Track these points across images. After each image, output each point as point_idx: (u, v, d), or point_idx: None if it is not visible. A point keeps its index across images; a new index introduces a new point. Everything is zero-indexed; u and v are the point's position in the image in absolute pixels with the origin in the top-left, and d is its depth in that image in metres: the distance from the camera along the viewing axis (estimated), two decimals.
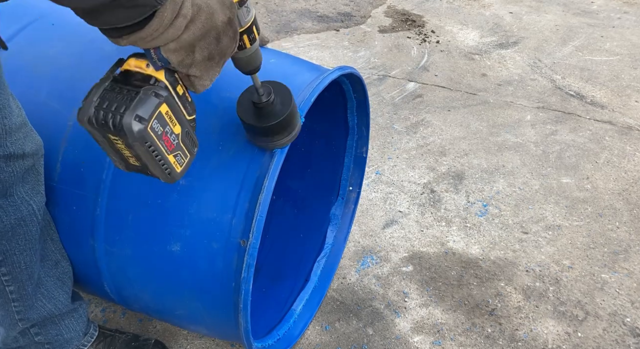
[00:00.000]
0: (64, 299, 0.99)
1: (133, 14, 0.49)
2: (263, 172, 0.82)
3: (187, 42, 0.56)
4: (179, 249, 0.86)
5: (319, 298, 1.32)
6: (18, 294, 0.91)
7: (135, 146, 0.55)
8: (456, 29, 2.81)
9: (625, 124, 2.05)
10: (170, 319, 1.03)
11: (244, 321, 0.86)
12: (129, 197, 0.88)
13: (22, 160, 0.82)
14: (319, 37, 2.70)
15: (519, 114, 2.11)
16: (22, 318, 0.94)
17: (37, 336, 0.98)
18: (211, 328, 0.99)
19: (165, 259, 0.88)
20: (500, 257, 1.48)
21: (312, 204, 1.47)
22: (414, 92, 2.25)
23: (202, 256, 0.85)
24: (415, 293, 1.38)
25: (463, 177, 1.77)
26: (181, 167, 0.63)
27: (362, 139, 1.42)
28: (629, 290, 1.39)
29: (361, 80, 1.18)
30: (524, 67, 2.45)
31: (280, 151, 0.83)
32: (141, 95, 0.54)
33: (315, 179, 1.47)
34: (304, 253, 1.40)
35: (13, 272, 0.89)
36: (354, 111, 1.35)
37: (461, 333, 1.28)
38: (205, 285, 0.88)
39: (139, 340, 1.13)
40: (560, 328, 1.29)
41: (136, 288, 0.95)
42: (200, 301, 0.90)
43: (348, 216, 1.46)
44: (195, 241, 0.85)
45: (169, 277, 0.89)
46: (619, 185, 1.75)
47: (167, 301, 0.95)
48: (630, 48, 2.62)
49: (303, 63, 1.06)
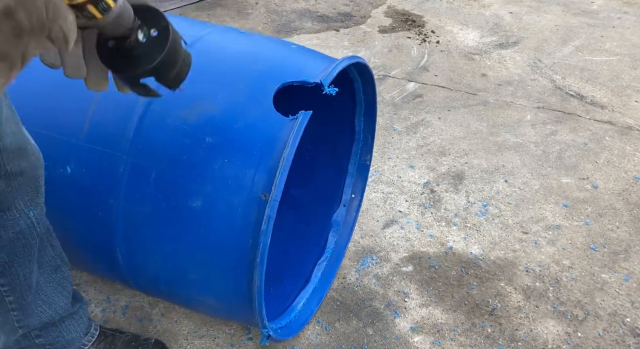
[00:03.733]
0: (63, 304, 0.99)
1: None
2: (287, 132, 0.86)
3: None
4: (200, 204, 0.88)
5: (319, 298, 1.32)
6: (17, 304, 0.91)
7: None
8: (456, 29, 2.81)
9: (625, 124, 2.05)
10: (177, 289, 1.01)
11: (258, 278, 0.87)
12: (153, 153, 0.90)
13: (20, 177, 0.81)
14: (319, 37, 2.70)
15: (519, 114, 2.11)
16: (21, 325, 0.94)
17: (38, 339, 0.98)
18: (221, 298, 0.98)
19: (185, 215, 0.89)
20: (500, 257, 1.48)
21: (314, 211, 1.48)
22: (414, 92, 2.25)
23: (221, 211, 0.87)
24: (415, 293, 1.38)
25: (463, 177, 1.77)
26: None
27: (367, 147, 1.44)
28: (629, 290, 1.39)
29: (371, 76, 1.22)
30: (524, 67, 2.45)
31: (305, 113, 0.87)
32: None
33: (318, 186, 1.49)
34: (305, 257, 1.40)
35: (12, 283, 0.88)
36: (362, 115, 1.38)
37: (461, 333, 1.28)
38: (222, 244, 0.89)
39: (139, 340, 1.13)
40: (560, 328, 1.29)
41: (149, 251, 0.95)
42: (214, 263, 0.91)
43: (349, 223, 1.47)
44: (217, 196, 0.87)
45: (186, 235, 0.91)
46: (619, 185, 1.75)
47: (180, 264, 0.95)
48: (630, 48, 2.62)
49: (317, 53, 1.11)
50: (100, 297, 1.33)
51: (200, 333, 1.25)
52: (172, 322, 1.27)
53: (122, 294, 1.33)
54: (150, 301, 1.32)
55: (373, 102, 1.33)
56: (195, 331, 1.25)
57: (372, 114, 1.37)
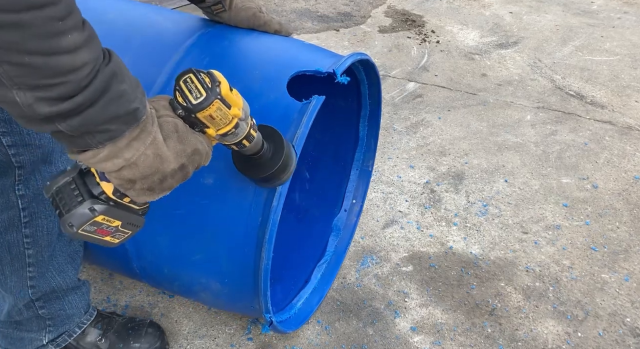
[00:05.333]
0: (72, 275, 1.04)
1: (75, 143, 0.55)
2: (300, 115, 0.90)
3: (126, 177, 0.59)
4: (212, 181, 0.89)
5: (318, 298, 1.32)
6: (35, 258, 0.96)
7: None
8: (456, 29, 2.81)
9: (625, 124, 2.05)
10: (181, 271, 1.01)
11: (266, 255, 0.88)
12: None
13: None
14: (319, 37, 2.70)
15: (519, 114, 2.11)
16: (33, 285, 0.98)
17: (41, 310, 1.02)
18: (225, 281, 0.98)
19: (197, 192, 0.90)
20: (500, 257, 1.48)
21: (315, 215, 1.49)
22: (414, 92, 2.25)
23: (233, 188, 0.89)
24: (415, 292, 1.38)
25: (463, 177, 1.77)
26: (119, 240, 0.67)
27: (370, 153, 1.45)
28: (629, 290, 1.39)
29: (377, 77, 1.24)
30: (524, 67, 2.45)
31: (318, 97, 0.91)
32: (79, 208, 0.60)
33: (320, 192, 1.50)
34: (305, 259, 1.41)
35: (35, 235, 0.94)
36: (367, 120, 1.38)
37: (461, 333, 1.28)
38: (231, 221, 0.90)
39: (135, 321, 1.18)
40: (560, 328, 1.29)
41: (155, 229, 0.96)
42: (222, 241, 0.92)
43: (350, 228, 1.47)
44: (230, 173, 0.88)
45: (196, 212, 0.91)
46: (619, 185, 1.75)
47: (187, 242, 0.95)
48: (630, 48, 2.62)
49: (325, 49, 1.13)
50: (101, 297, 1.33)
51: (200, 333, 1.25)
52: (172, 322, 1.27)
53: (122, 294, 1.33)
54: (151, 301, 1.32)
55: (378, 105, 1.35)
56: (195, 331, 1.25)
57: (377, 119, 1.39)
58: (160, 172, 0.60)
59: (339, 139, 1.44)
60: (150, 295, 1.34)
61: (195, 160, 0.64)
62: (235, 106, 0.66)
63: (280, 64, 0.98)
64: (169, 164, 0.60)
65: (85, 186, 0.62)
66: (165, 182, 0.62)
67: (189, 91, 0.62)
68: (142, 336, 1.15)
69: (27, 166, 0.88)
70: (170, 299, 1.33)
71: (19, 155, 0.87)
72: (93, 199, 0.61)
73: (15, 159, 0.87)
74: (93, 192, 0.62)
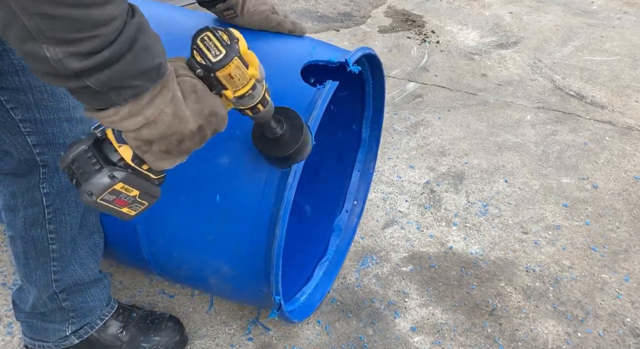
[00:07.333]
0: (94, 268, 1.07)
1: (99, 100, 0.54)
2: (315, 98, 0.92)
3: (145, 137, 0.58)
4: (227, 161, 0.90)
5: (321, 294, 1.33)
6: (59, 253, 0.99)
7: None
8: (456, 29, 2.81)
9: (625, 124, 2.05)
10: (191, 253, 1.01)
11: (280, 233, 0.89)
12: None
13: (81, 125, 0.90)
14: (319, 37, 2.70)
15: (519, 114, 2.11)
16: (57, 278, 1.01)
17: (65, 302, 1.05)
18: (235, 262, 0.98)
19: (210, 171, 0.91)
20: (500, 257, 1.48)
21: (317, 216, 1.50)
22: (414, 92, 2.25)
23: (248, 167, 0.90)
24: (415, 293, 1.38)
25: (463, 177, 1.77)
26: (135, 212, 0.66)
27: (371, 154, 1.45)
28: (629, 290, 1.39)
29: (382, 75, 1.27)
30: (524, 67, 2.45)
31: (332, 82, 0.92)
32: (98, 176, 0.59)
33: (322, 193, 1.51)
34: (307, 258, 1.41)
35: (59, 230, 0.97)
36: (369, 121, 1.39)
37: (461, 333, 1.28)
38: (245, 200, 0.91)
39: (155, 315, 1.20)
40: (560, 328, 1.29)
41: (170, 212, 0.96)
42: (235, 221, 0.93)
43: (351, 228, 1.48)
44: (244, 153, 0.89)
45: (210, 191, 0.92)
46: (619, 185, 1.75)
47: (199, 223, 0.95)
48: (630, 48, 2.62)
49: (334, 45, 1.16)
50: None
51: (201, 333, 1.25)
52: None
53: (122, 294, 1.33)
54: (151, 301, 1.32)
55: (381, 106, 1.36)
56: (195, 331, 1.25)
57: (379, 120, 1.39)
58: (179, 133, 0.60)
59: (342, 142, 1.45)
60: (150, 295, 1.34)
61: (213, 122, 0.63)
62: (252, 66, 0.65)
63: (293, 56, 1.01)
64: (187, 124, 0.60)
65: (103, 154, 0.60)
66: (183, 145, 0.62)
67: (207, 49, 0.61)
68: (162, 329, 1.17)
69: (51, 165, 0.90)
70: (170, 299, 1.33)
71: (44, 154, 0.89)
72: (112, 166, 0.60)
73: (40, 158, 0.89)
74: (112, 159, 0.60)
